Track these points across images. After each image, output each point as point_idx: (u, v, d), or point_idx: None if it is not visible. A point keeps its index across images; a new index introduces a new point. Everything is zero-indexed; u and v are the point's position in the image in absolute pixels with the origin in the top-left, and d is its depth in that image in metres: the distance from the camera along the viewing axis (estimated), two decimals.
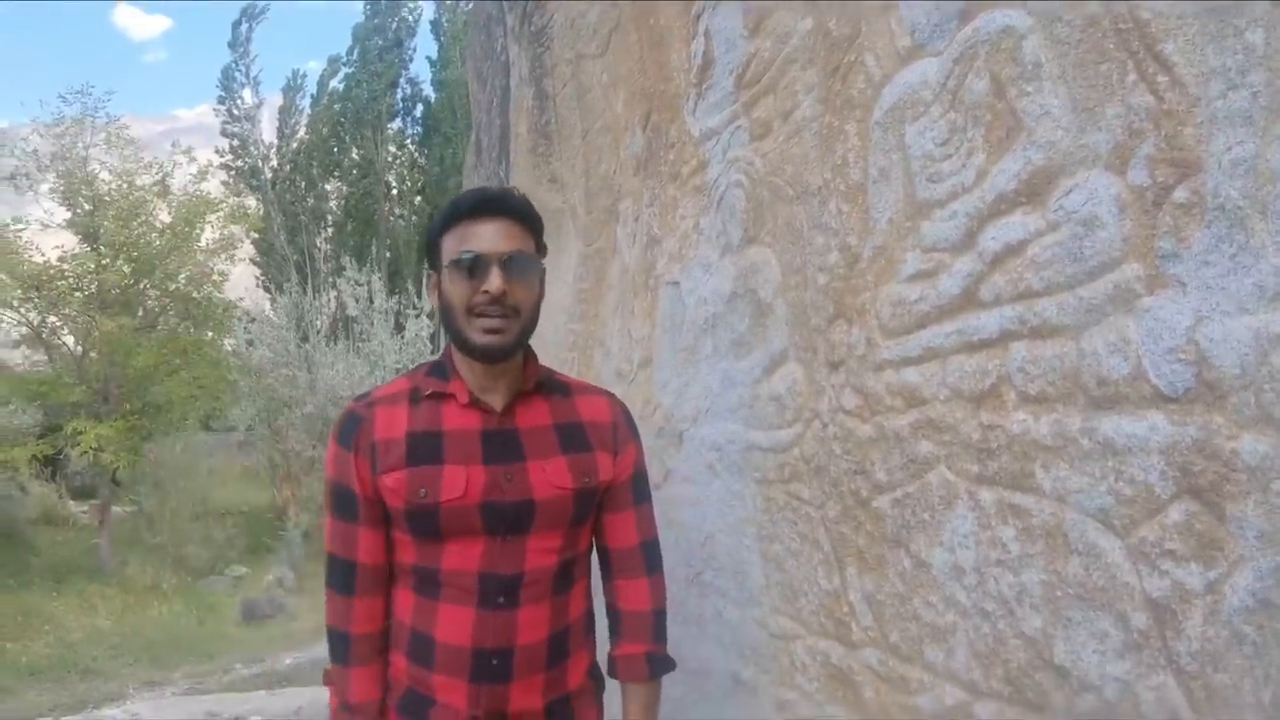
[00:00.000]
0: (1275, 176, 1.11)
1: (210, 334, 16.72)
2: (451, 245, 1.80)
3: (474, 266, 1.75)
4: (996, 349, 1.50)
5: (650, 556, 2.02)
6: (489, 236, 1.78)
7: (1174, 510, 1.23)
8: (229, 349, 17.34)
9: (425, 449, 1.79)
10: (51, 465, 18.00)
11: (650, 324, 2.80)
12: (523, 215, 1.85)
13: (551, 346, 3.47)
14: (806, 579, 2.06)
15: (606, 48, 3.20)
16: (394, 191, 27.20)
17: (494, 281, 1.74)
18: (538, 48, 3.92)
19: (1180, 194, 1.21)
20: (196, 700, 7.16)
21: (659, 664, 1.98)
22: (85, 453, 13.98)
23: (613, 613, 2.01)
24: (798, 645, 2.09)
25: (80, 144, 15.81)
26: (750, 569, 2.28)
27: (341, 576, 1.86)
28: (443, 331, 1.86)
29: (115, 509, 15.67)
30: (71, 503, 18.31)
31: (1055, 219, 1.39)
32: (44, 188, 15.91)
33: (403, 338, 16.24)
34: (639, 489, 2.01)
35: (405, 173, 27.68)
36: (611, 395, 2.08)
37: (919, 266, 1.67)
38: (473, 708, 1.79)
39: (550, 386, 1.96)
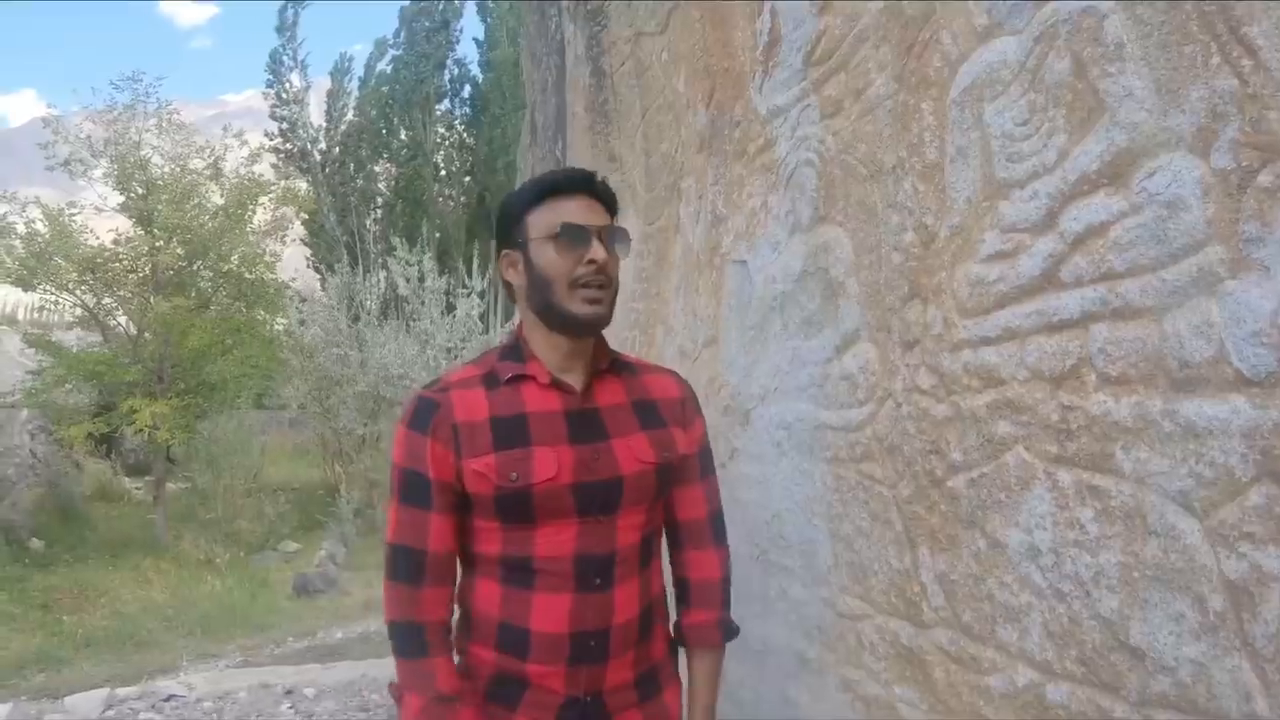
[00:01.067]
0: None
1: (262, 314, 16.92)
2: (546, 219, 1.81)
3: (575, 237, 1.77)
4: (1077, 330, 1.50)
5: (717, 527, 2.04)
6: (585, 211, 1.81)
7: (1254, 493, 1.22)
8: (281, 328, 17.54)
9: (512, 432, 1.78)
10: (107, 443, 18.32)
11: (716, 302, 2.81)
12: (607, 196, 1.89)
13: (612, 325, 3.48)
14: (877, 558, 2.06)
15: (666, 25, 3.20)
16: (442, 173, 27.28)
17: (599, 251, 1.77)
18: (594, 26, 3.92)
19: (1265, 178, 1.21)
20: (251, 672, 7.27)
21: (729, 630, 2.01)
22: (140, 430, 14.24)
23: (682, 583, 2.03)
24: (866, 625, 2.10)
25: (132, 129, 16.01)
26: (818, 548, 2.29)
27: (408, 566, 1.81)
28: (511, 312, 1.84)
29: (169, 485, 15.94)
30: (126, 479, 18.62)
31: (1138, 201, 1.38)
32: (97, 173, 16.15)
33: (453, 317, 16.31)
34: (705, 462, 2.03)
35: (454, 154, 27.74)
36: (675, 373, 2.12)
37: (998, 246, 1.67)
38: (570, 689, 1.81)
39: (620, 365, 1.98)
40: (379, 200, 26.94)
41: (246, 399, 17.96)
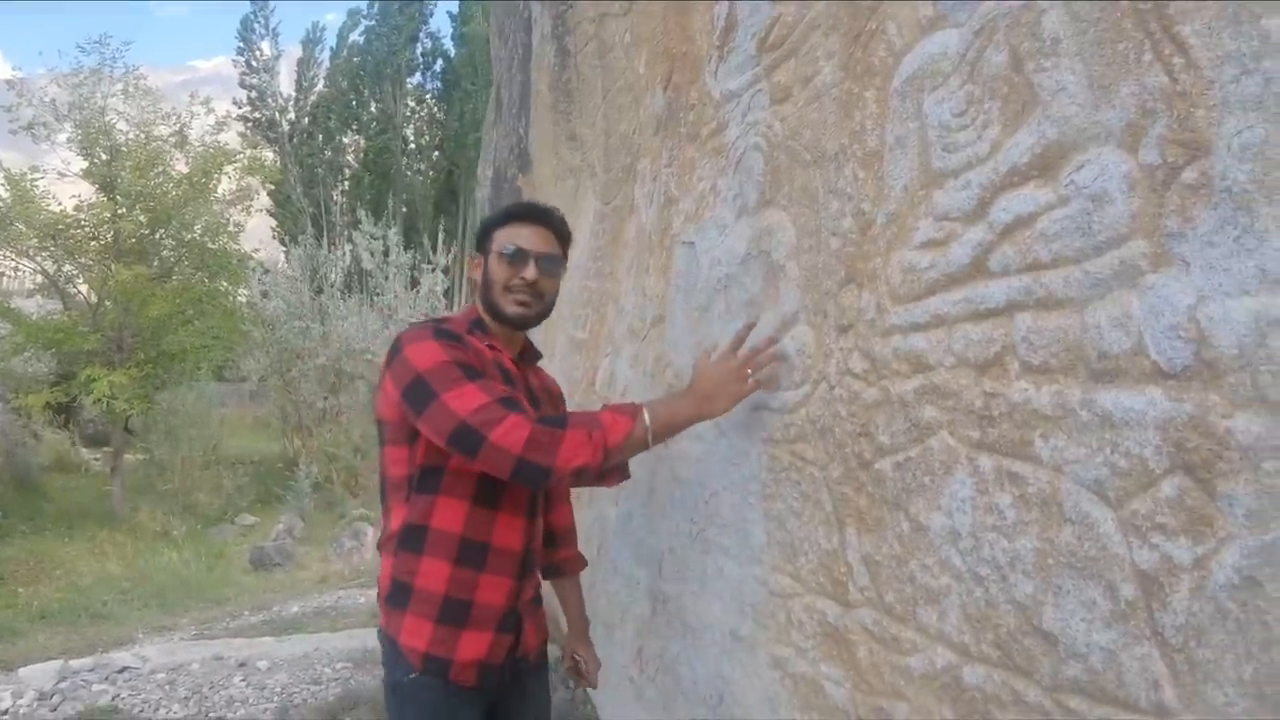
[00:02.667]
0: None
1: (225, 284, 16.72)
2: (504, 238, 2.35)
3: (516, 257, 2.31)
4: (1002, 318, 1.52)
5: (568, 488, 2.67)
6: (534, 238, 2.36)
7: (1166, 485, 1.25)
8: (243, 300, 17.37)
9: (506, 377, 2.28)
10: (65, 413, 18.14)
11: (665, 283, 2.82)
12: (559, 229, 2.43)
13: (567, 303, 3.50)
14: (807, 538, 2.09)
15: (630, 7, 3.20)
16: (412, 146, 27.15)
17: (530, 271, 2.31)
18: (561, 5, 3.92)
19: (1189, 175, 1.22)
20: (205, 645, 7.24)
21: (584, 559, 2.75)
22: (99, 400, 14.06)
23: (551, 532, 2.66)
24: (796, 603, 2.13)
25: (98, 94, 15.77)
26: (753, 527, 2.32)
27: (520, 406, 2.09)
28: (472, 297, 2.34)
29: (127, 456, 15.78)
30: (84, 450, 18.45)
31: (1066, 193, 1.41)
32: (61, 137, 15.87)
33: (417, 292, 16.25)
34: None
35: (424, 127, 27.62)
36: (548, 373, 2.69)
37: (931, 234, 1.69)
38: (510, 601, 2.28)
39: (533, 356, 2.55)
40: (346, 172, 26.76)
41: (207, 370, 17.78)
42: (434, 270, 16.56)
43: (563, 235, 2.44)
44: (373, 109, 26.55)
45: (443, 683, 2.20)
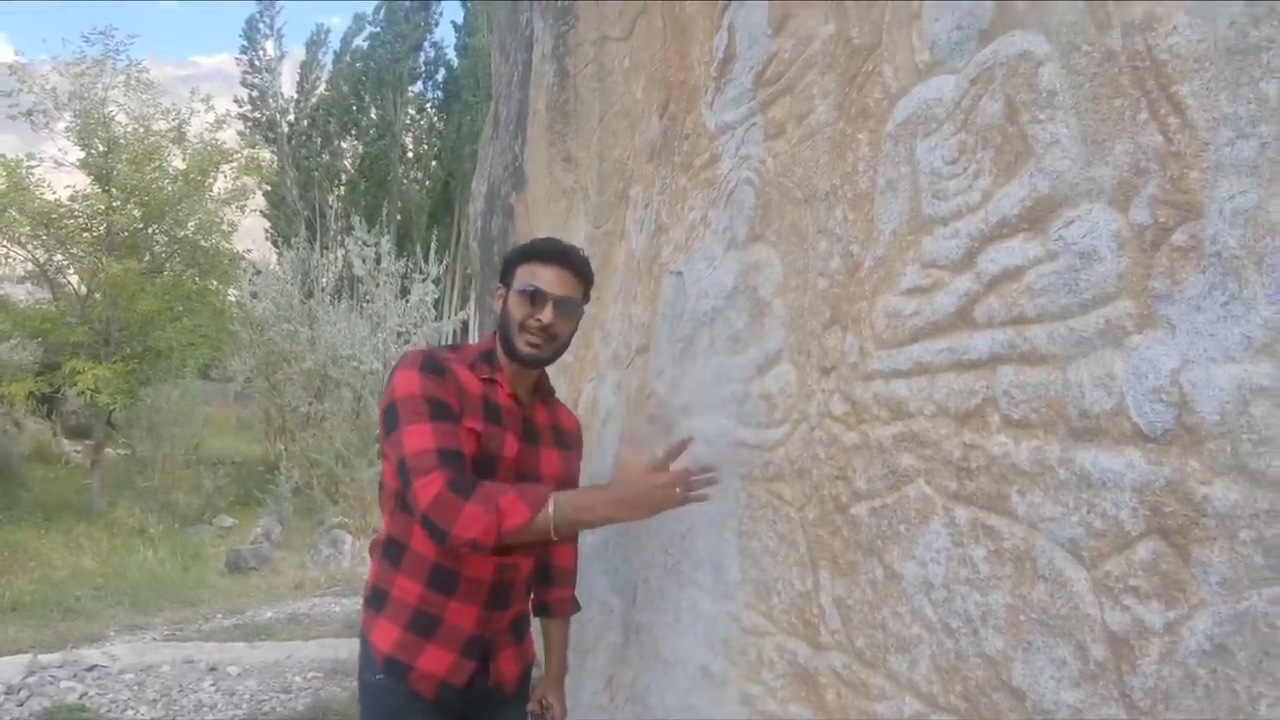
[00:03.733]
0: (1274, 230, 1.12)
1: (215, 283, 16.64)
2: (525, 276, 2.34)
3: (535, 297, 2.30)
4: (985, 370, 1.51)
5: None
6: (552, 280, 2.33)
7: (1141, 548, 1.24)
8: (233, 299, 17.31)
9: (492, 413, 2.29)
10: (48, 403, 18.05)
11: (651, 311, 2.82)
12: (582, 271, 2.42)
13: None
14: (781, 578, 2.08)
15: (631, 32, 3.20)
16: (410, 154, 27.17)
17: (547, 314, 2.30)
18: (563, 25, 3.92)
19: (1179, 237, 1.22)
20: (176, 647, 7.19)
21: (577, 604, 2.67)
22: (82, 393, 13.97)
23: (547, 568, 2.61)
24: (767, 642, 2.12)
25: (99, 85, 15.74)
26: (728, 563, 2.30)
27: (456, 461, 2.11)
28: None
29: (108, 451, 15.68)
30: (65, 441, 18.34)
31: (1054, 248, 1.40)
32: (60, 126, 15.82)
33: (407, 301, 16.22)
34: (578, 480, 2.57)
35: (423, 137, 27.65)
36: (570, 410, 2.68)
37: (917, 281, 1.68)
38: (478, 628, 2.30)
39: (549, 396, 2.54)
40: (343, 177, 26.76)
41: (192, 368, 17.71)
42: (425, 280, 16.52)
43: (585, 276, 2.43)
44: (372, 115, 26.56)
45: (404, 687, 2.27)
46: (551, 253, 2.40)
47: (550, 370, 2.49)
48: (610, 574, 3.00)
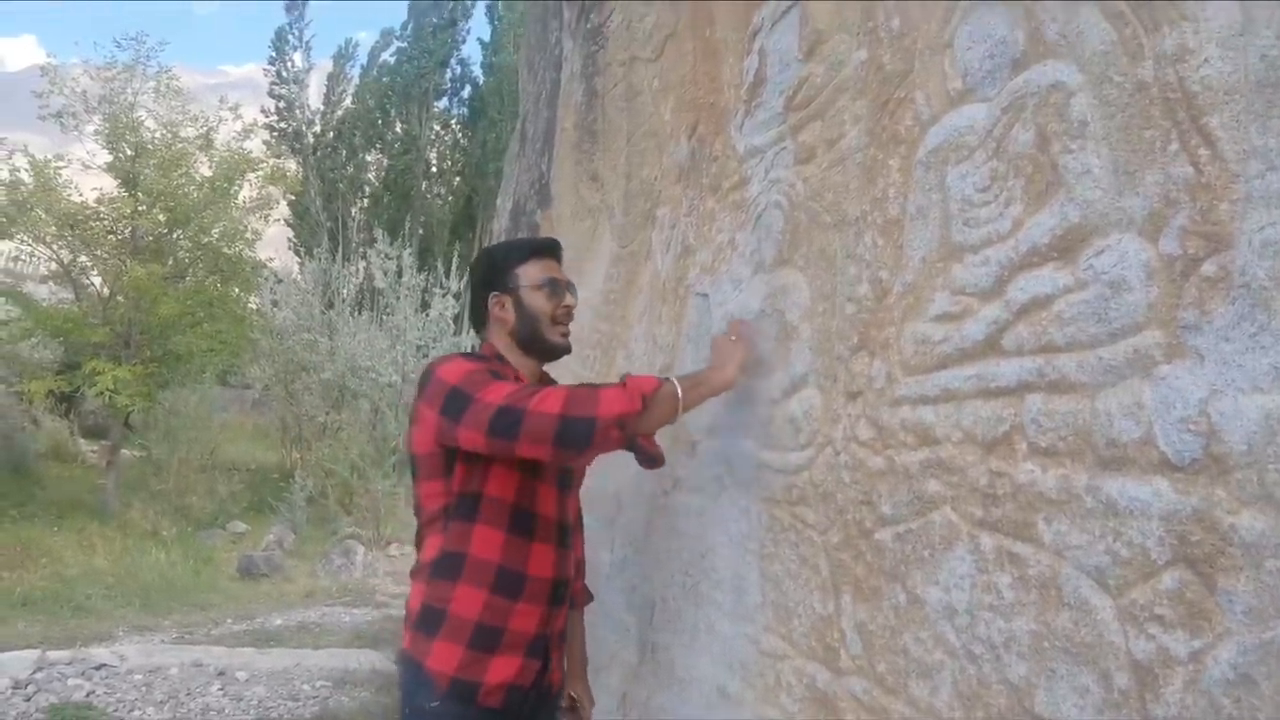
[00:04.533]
0: None
1: (237, 290, 16.74)
2: (535, 273, 2.42)
3: (556, 288, 2.40)
4: (1013, 398, 1.52)
5: (581, 519, 2.64)
6: (557, 269, 2.47)
7: (1167, 577, 1.24)
8: (254, 307, 17.39)
9: None
10: (66, 402, 18.13)
11: (676, 332, 2.82)
12: (561, 261, 2.53)
13: (576, 343, 3.48)
14: (802, 601, 2.08)
15: (660, 53, 3.22)
16: (434, 169, 27.28)
17: (572, 299, 2.44)
18: (592, 45, 3.94)
19: (1208, 267, 1.23)
20: (185, 650, 7.19)
21: (590, 593, 2.74)
22: (101, 393, 14.05)
23: None
24: (786, 665, 2.12)
25: (129, 90, 15.90)
26: (748, 585, 2.30)
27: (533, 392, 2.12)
28: (482, 333, 2.38)
29: (124, 452, 15.75)
30: (82, 441, 18.43)
31: (1084, 277, 1.41)
32: (89, 129, 15.97)
33: (427, 315, 16.25)
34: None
35: (447, 152, 27.76)
36: None
37: (946, 308, 1.69)
38: (540, 628, 2.30)
39: (552, 384, 2.46)
40: (367, 190, 26.89)
41: (211, 374, 17.77)
42: (445, 295, 16.56)
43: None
44: (398, 129, 26.69)
45: (465, 709, 2.22)
46: (550, 246, 2.53)
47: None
48: (628, 592, 3.00)
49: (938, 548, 1.66)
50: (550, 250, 2.51)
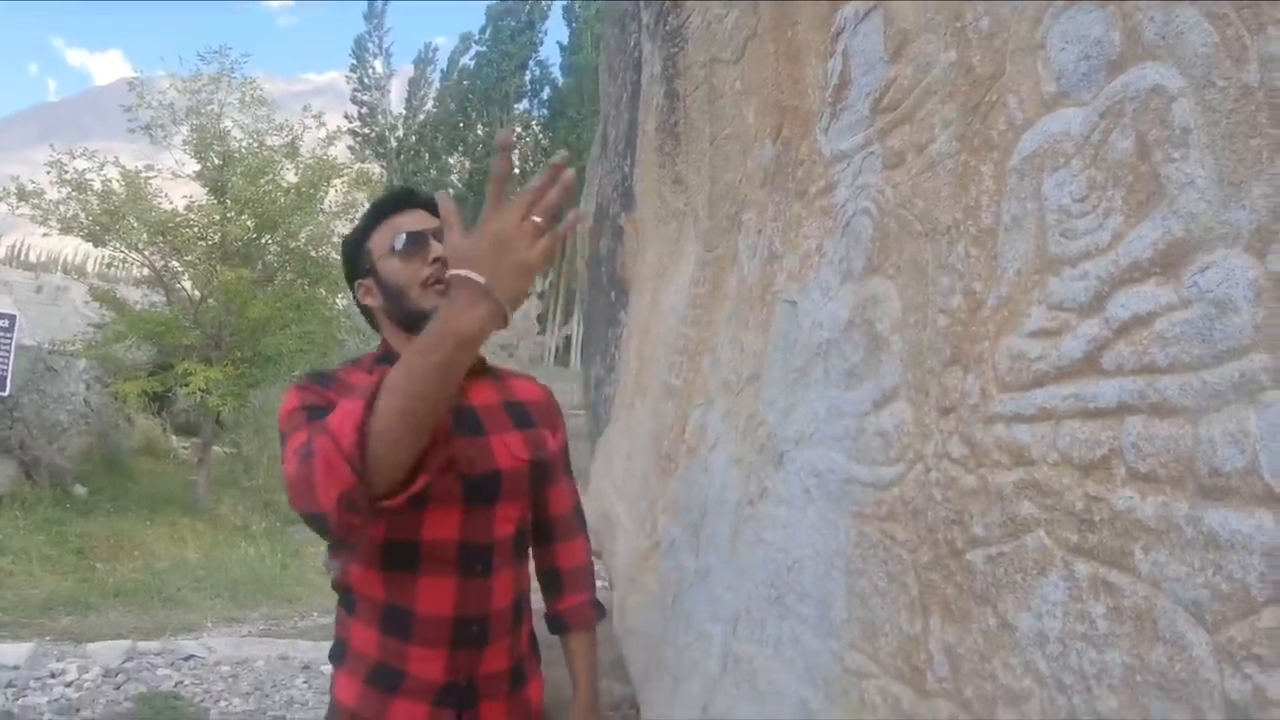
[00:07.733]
0: None
1: (324, 292, 17.10)
2: (384, 237, 2.08)
3: (411, 243, 2.03)
4: (1112, 420, 1.46)
5: (580, 519, 2.35)
6: (417, 221, 2.08)
7: (1267, 614, 1.18)
8: (340, 308, 17.73)
9: None
10: (159, 401, 18.65)
11: (763, 340, 2.79)
12: (431, 205, 2.12)
13: (662, 348, 3.46)
14: (889, 620, 2.03)
15: (742, 55, 3.19)
16: (516, 171, 27.54)
17: (439, 249, 1.98)
18: (671, 47, 3.92)
19: None
20: (271, 642, 7.34)
21: (601, 609, 2.33)
22: (193, 393, 14.47)
23: (553, 573, 2.31)
24: (870, 684, 2.07)
25: (215, 101, 16.32)
26: (834, 600, 2.26)
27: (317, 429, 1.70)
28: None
29: (215, 449, 16.19)
30: (174, 438, 18.95)
31: (1188, 295, 1.34)
32: (177, 139, 16.45)
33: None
34: (567, 461, 2.32)
35: (529, 153, 27.99)
36: (534, 378, 2.38)
37: (1043, 323, 1.63)
38: (450, 675, 1.97)
39: (487, 369, 2.21)
40: (450, 192, 27.20)
41: (300, 374, 18.15)
42: (529, 294, 16.70)
43: (432, 207, 2.09)
44: (479, 132, 27.01)
45: None
46: (396, 198, 2.15)
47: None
48: (713, 601, 2.97)
49: (1030, 572, 1.61)
50: (396, 203, 2.12)
